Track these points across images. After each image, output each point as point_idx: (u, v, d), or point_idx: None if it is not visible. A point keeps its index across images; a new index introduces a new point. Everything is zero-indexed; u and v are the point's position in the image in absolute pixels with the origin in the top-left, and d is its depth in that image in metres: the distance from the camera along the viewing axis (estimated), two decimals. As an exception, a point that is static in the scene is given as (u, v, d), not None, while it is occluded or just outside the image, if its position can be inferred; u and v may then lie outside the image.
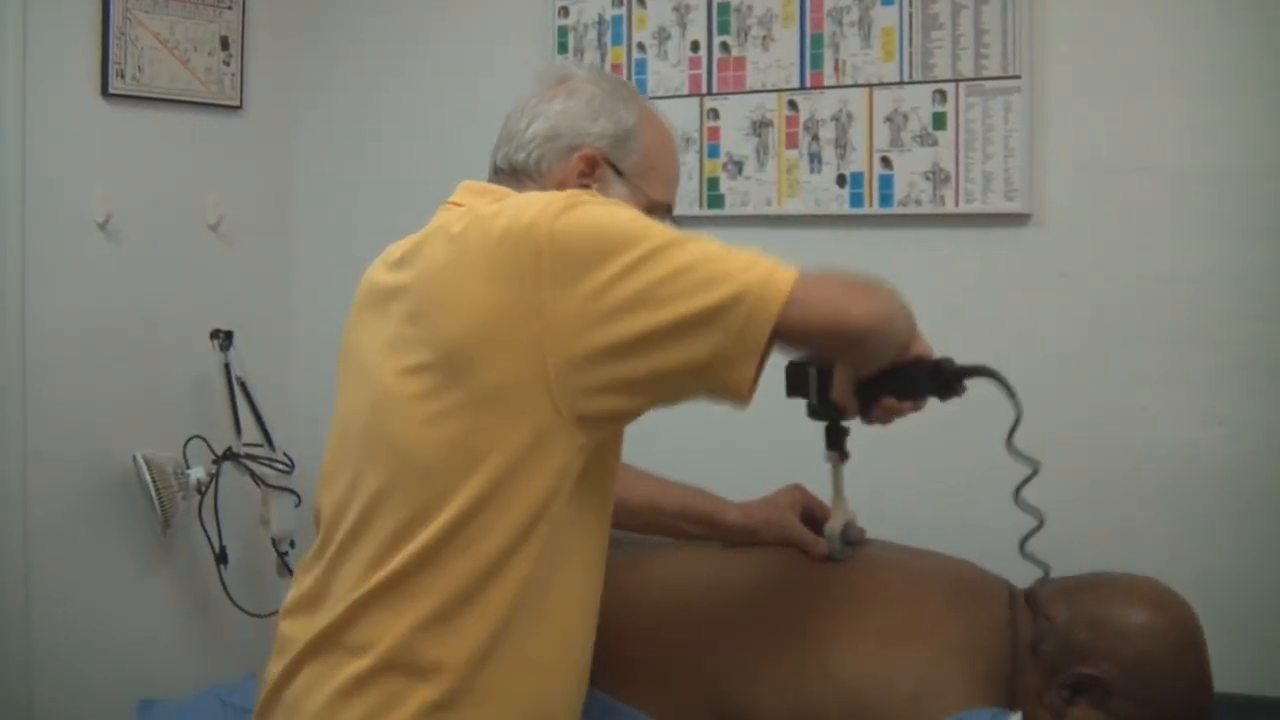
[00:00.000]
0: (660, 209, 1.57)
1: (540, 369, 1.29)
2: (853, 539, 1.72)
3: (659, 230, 1.30)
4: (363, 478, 1.40)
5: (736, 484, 1.85)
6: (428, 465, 1.34)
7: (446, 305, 1.34)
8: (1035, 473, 1.48)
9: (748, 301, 1.25)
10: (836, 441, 1.59)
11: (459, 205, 1.49)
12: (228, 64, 2.87)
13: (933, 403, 1.48)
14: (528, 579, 1.34)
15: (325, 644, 1.41)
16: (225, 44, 2.86)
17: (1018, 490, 1.49)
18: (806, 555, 1.74)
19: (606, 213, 1.32)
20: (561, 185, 1.50)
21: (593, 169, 1.52)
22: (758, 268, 1.27)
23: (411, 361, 1.36)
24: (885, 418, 1.48)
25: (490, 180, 1.58)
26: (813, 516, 1.78)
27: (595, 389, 1.30)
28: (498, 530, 1.32)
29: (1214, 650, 1.58)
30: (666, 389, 1.33)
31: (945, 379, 1.46)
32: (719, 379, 1.28)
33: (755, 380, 1.28)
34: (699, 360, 1.27)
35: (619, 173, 1.54)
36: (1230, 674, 1.63)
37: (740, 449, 2.25)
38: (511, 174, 1.56)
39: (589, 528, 1.42)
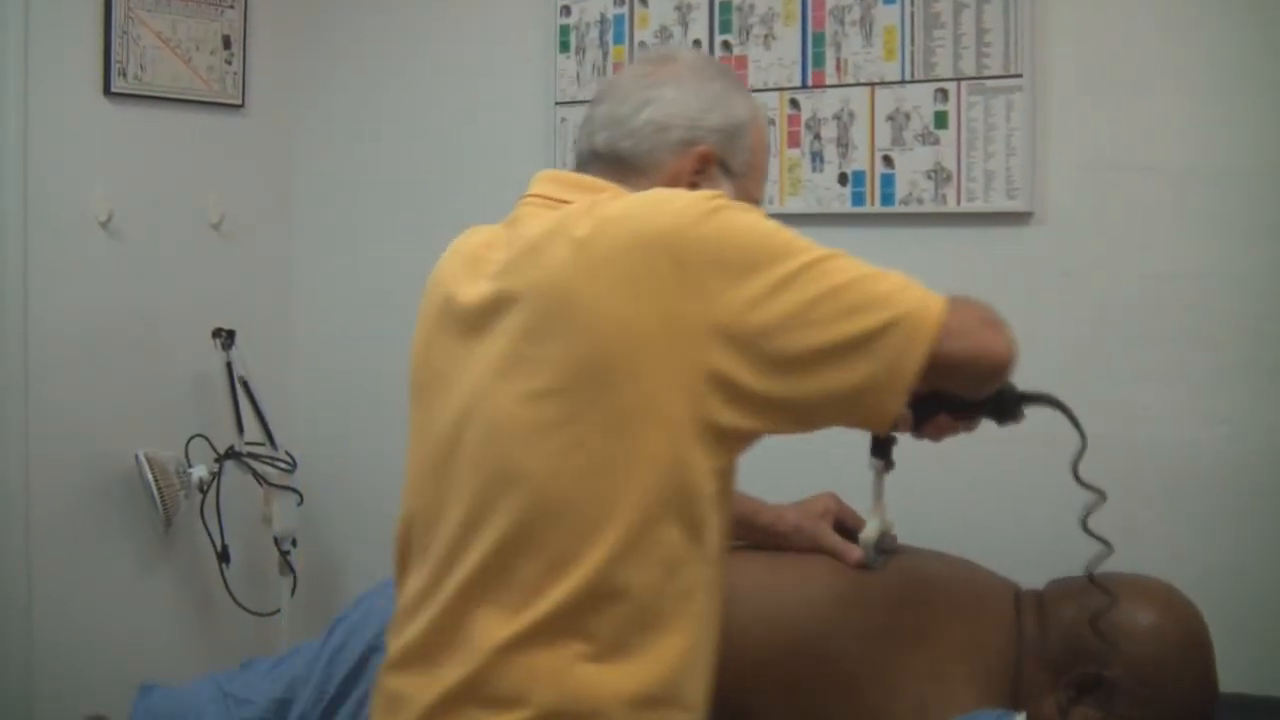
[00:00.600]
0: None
1: (681, 388, 1.19)
2: (887, 548, 1.69)
3: (806, 243, 1.22)
4: (486, 517, 1.26)
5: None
6: (567, 499, 1.21)
7: (577, 320, 1.20)
8: (1101, 501, 1.44)
9: (903, 329, 1.18)
10: (883, 450, 1.54)
11: (559, 201, 1.36)
12: (229, 63, 2.87)
13: None
14: (685, 607, 1.25)
15: (462, 700, 1.24)
16: (227, 43, 2.86)
17: (1084, 519, 1.46)
18: (840, 561, 1.72)
19: (751, 221, 1.23)
20: (673, 182, 1.37)
21: (704, 167, 1.40)
22: (910, 292, 1.21)
23: (537, 385, 1.22)
24: (936, 435, 1.43)
25: (583, 167, 1.44)
26: (843, 526, 1.76)
27: (735, 408, 1.20)
28: (649, 563, 1.22)
29: (1216, 649, 1.58)
30: (809, 414, 1.24)
31: (1006, 404, 1.40)
32: (866, 408, 1.22)
33: (901, 412, 1.22)
34: (850, 388, 1.19)
35: (727, 171, 1.42)
36: (1231, 673, 1.63)
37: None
38: (615, 162, 1.40)
39: (719, 548, 1.32)
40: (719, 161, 1.40)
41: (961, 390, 1.33)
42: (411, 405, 1.46)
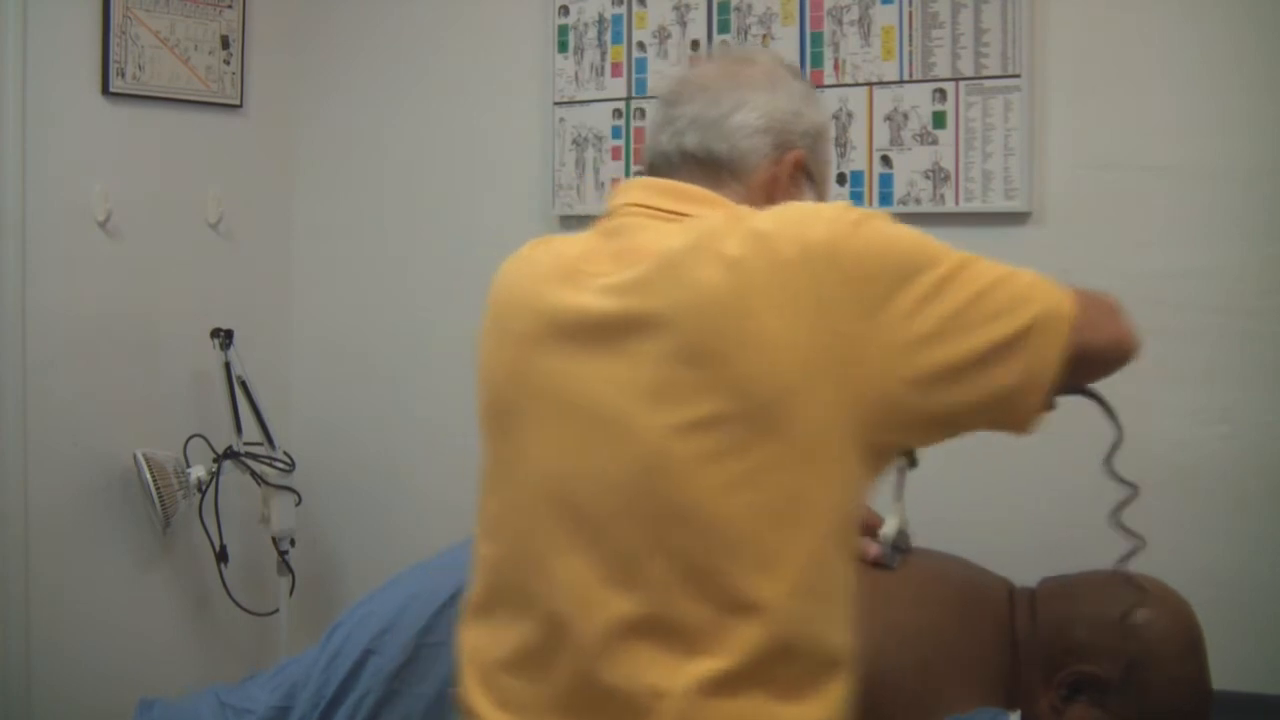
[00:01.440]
0: None
1: (850, 410, 1.13)
2: (902, 546, 1.69)
3: (944, 247, 1.18)
4: (639, 559, 1.15)
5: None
6: (741, 536, 1.13)
7: (743, 343, 1.12)
8: (1134, 496, 1.44)
9: (1044, 327, 1.16)
10: (909, 448, 1.51)
11: (669, 212, 1.28)
12: (228, 63, 2.87)
13: None
14: (849, 639, 1.20)
15: None
16: (225, 43, 2.86)
17: (1116, 512, 1.46)
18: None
19: (895, 229, 1.19)
20: (769, 188, 1.32)
21: (795, 173, 1.34)
22: (1044, 289, 1.18)
23: (700, 413, 1.13)
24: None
25: (670, 170, 1.35)
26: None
27: (897, 424, 1.16)
28: (835, 595, 1.18)
29: (1211, 648, 1.59)
30: (959, 422, 1.20)
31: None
32: (1013, 410, 1.18)
33: (1044, 411, 1.19)
34: (1000, 391, 1.16)
35: (809, 178, 1.37)
36: (1230, 672, 1.64)
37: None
38: (708, 165, 1.33)
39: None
40: (805, 168, 1.36)
41: (1087, 381, 1.29)
42: (492, 431, 1.32)
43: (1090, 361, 1.22)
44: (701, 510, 1.13)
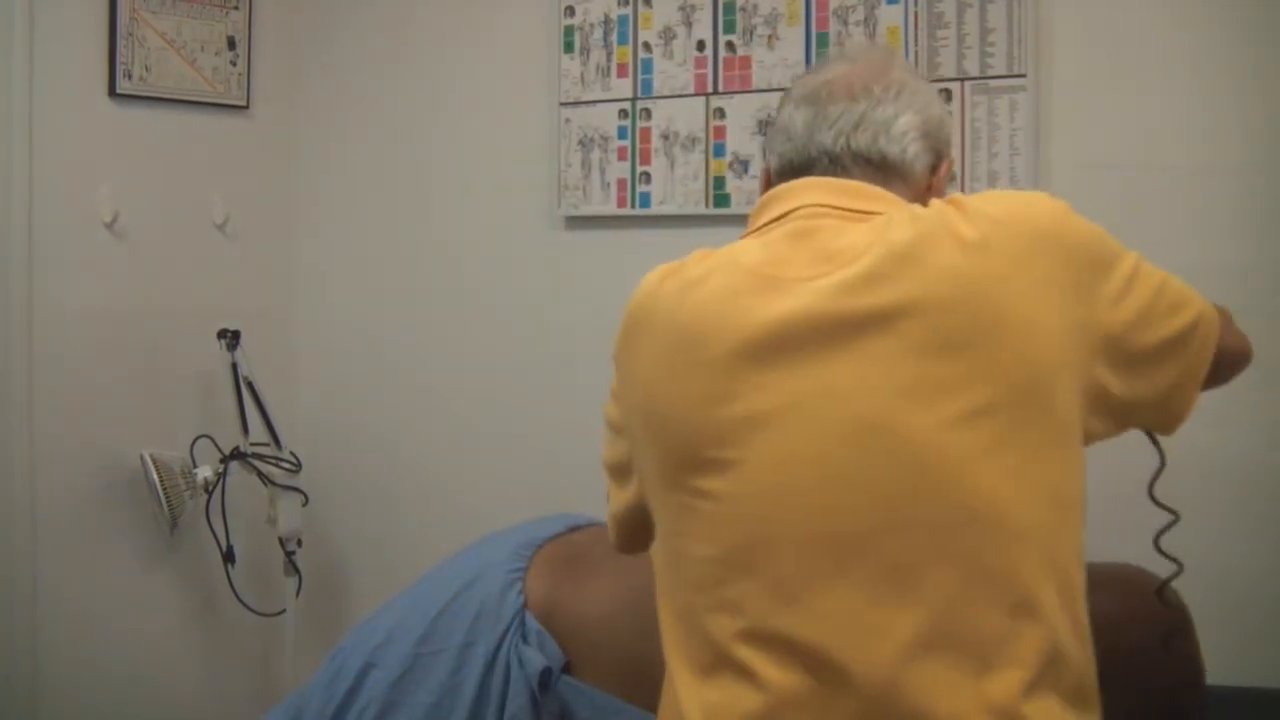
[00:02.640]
0: None
1: (1081, 391, 1.12)
2: None
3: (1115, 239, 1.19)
4: (925, 566, 1.07)
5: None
6: (1028, 531, 1.08)
7: (1003, 327, 1.08)
8: (1175, 522, 1.43)
9: (1204, 326, 1.18)
10: None
11: (857, 211, 1.22)
12: (234, 64, 2.88)
13: None
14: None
15: None
16: (232, 44, 2.87)
17: (1157, 539, 1.47)
18: None
19: (1088, 220, 1.19)
20: (926, 194, 1.29)
21: (945, 181, 1.33)
22: (1192, 289, 1.20)
23: (965, 405, 1.07)
24: None
25: (838, 170, 1.29)
26: None
27: (1099, 411, 1.15)
28: (1083, 593, 1.14)
29: (1211, 646, 1.58)
30: (1133, 414, 1.19)
31: None
32: (1172, 405, 1.19)
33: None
34: (1168, 386, 1.17)
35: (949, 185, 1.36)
36: (1228, 670, 1.64)
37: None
38: (880, 167, 1.28)
39: None
40: (950, 174, 1.35)
41: (1215, 384, 1.27)
42: (689, 470, 1.18)
43: (1223, 364, 1.23)
44: (991, 506, 1.07)
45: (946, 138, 1.34)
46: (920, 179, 1.30)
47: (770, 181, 1.35)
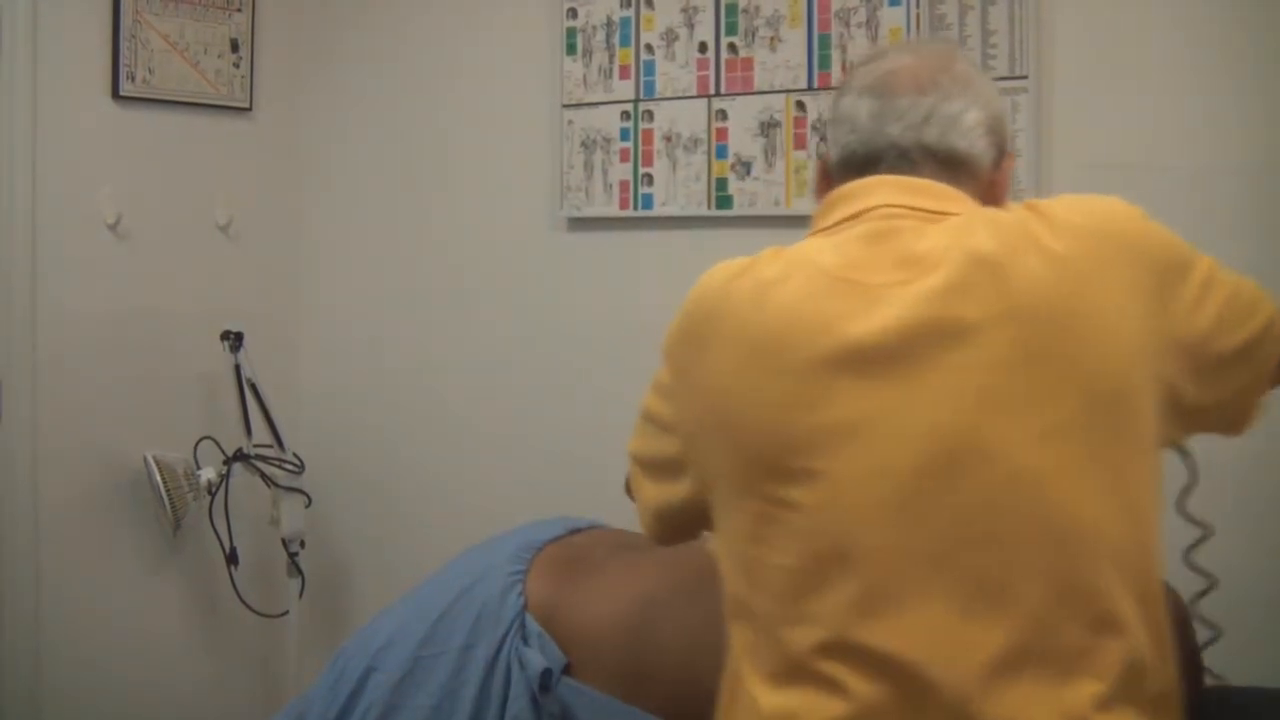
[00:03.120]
0: None
1: (1159, 400, 1.10)
2: None
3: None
4: (1008, 588, 1.06)
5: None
6: (1117, 548, 1.07)
7: (1088, 339, 1.08)
8: (1207, 537, 1.43)
9: (1276, 328, 1.17)
10: None
11: (932, 212, 1.20)
12: (237, 66, 2.88)
13: None
14: None
15: None
16: (235, 46, 2.87)
17: (1188, 552, 1.47)
18: None
19: (1161, 225, 1.18)
20: (992, 189, 1.28)
21: (1008, 178, 1.32)
22: (1262, 291, 1.19)
23: (1058, 417, 1.07)
24: None
25: (907, 165, 1.25)
26: None
27: (1172, 419, 1.14)
28: (1164, 603, 1.14)
29: (1210, 646, 1.59)
30: (1206, 418, 1.18)
31: None
32: (1239, 408, 1.19)
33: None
34: (1238, 390, 1.17)
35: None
36: (1228, 671, 1.64)
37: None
38: (949, 162, 1.25)
39: None
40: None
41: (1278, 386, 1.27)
42: (770, 477, 1.15)
43: None
44: (1076, 522, 1.06)
45: (1008, 133, 1.32)
46: (986, 174, 1.27)
47: (827, 172, 1.32)
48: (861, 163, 1.27)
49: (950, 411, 1.08)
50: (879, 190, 1.22)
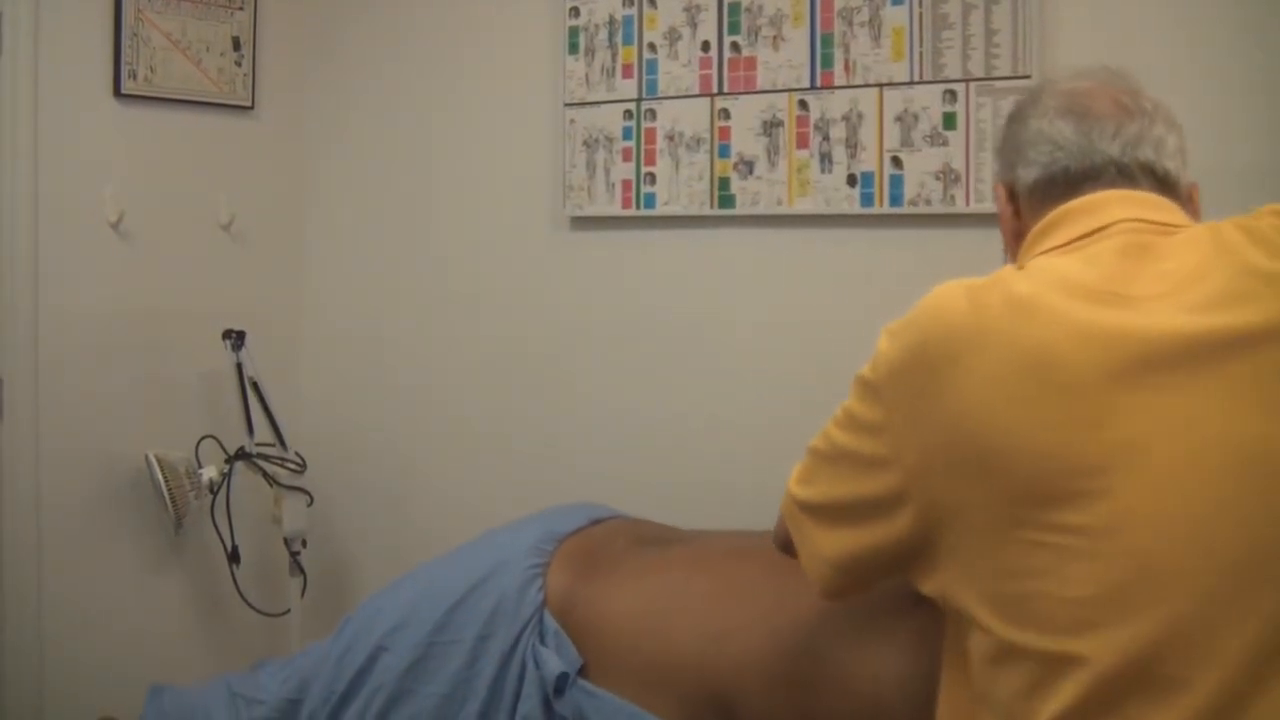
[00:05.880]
0: None
1: None
2: None
3: None
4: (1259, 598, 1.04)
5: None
6: None
7: None
8: None
9: None
10: None
11: (1168, 225, 1.23)
12: (239, 64, 2.88)
13: None
14: None
15: None
16: (237, 44, 2.87)
17: None
18: None
19: None
20: (1191, 212, 1.30)
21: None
22: None
23: None
24: None
25: (1127, 181, 1.28)
26: None
27: None
28: None
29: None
30: None
31: None
32: None
33: None
34: None
35: None
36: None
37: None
38: (1163, 181, 1.29)
39: None
40: None
41: None
42: (1047, 502, 1.09)
43: None
44: None
45: (1188, 161, 1.34)
46: (1184, 198, 1.30)
47: (1015, 195, 1.33)
48: (1076, 179, 1.28)
49: (1236, 423, 1.06)
50: (1116, 205, 1.23)
